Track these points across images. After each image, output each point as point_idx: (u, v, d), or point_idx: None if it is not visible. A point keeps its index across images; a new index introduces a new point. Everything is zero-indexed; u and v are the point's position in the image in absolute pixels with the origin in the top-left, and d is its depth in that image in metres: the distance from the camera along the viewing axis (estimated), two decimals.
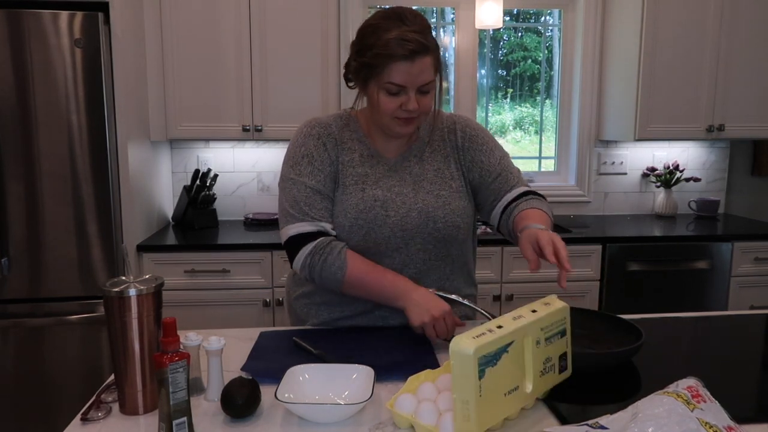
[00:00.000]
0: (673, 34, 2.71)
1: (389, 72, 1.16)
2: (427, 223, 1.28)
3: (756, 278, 2.65)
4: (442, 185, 1.31)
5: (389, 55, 1.15)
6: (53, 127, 2.13)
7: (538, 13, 3.21)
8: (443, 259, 1.33)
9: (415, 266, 1.31)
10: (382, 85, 1.18)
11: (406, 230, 1.27)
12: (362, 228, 1.26)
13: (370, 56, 1.17)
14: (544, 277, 2.55)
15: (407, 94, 1.19)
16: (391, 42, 1.14)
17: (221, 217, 2.93)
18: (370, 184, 1.28)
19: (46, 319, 2.18)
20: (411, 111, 1.20)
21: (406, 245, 1.28)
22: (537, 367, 0.92)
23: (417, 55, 1.15)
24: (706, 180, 3.22)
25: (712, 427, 0.73)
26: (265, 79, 2.59)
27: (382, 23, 1.18)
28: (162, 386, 0.82)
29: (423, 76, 1.18)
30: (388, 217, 1.26)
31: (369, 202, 1.26)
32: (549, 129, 3.27)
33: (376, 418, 0.93)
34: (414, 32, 1.15)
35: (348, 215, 1.26)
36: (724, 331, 1.33)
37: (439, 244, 1.31)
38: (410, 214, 1.27)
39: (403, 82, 1.17)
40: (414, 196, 1.29)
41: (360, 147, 1.31)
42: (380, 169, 1.30)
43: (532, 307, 0.95)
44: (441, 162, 1.33)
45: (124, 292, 0.92)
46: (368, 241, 1.26)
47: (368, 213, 1.26)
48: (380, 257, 1.28)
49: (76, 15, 2.09)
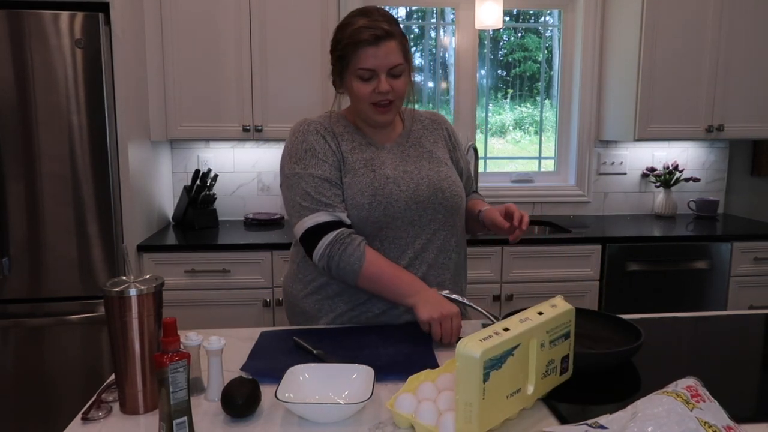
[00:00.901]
0: (673, 34, 2.71)
1: (358, 59, 1.26)
2: (436, 194, 1.36)
3: (755, 278, 2.65)
4: (439, 163, 1.41)
5: (356, 42, 1.25)
6: (53, 127, 2.13)
7: (537, 13, 3.21)
8: (450, 229, 1.41)
9: (426, 236, 1.37)
10: (355, 72, 1.28)
11: (419, 202, 1.34)
12: (381, 204, 1.31)
13: (341, 48, 1.28)
14: (545, 277, 2.56)
15: (378, 77, 1.27)
16: (356, 31, 1.25)
17: (221, 217, 2.93)
18: (378, 166, 1.35)
19: (47, 319, 2.18)
20: (384, 93, 1.28)
21: (420, 217, 1.35)
22: (540, 370, 0.92)
23: (381, 40, 1.25)
24: (705, 180, 3.22)
25: (711, 426, 0.73)
26: (265, 79, 2.59)
27: (349, 20, 1.29)
28: (162, 386, 0.83)
29: (390, 58, 1.27)
30: (402, 192, 1.33)
31: (382, 180, 1.33)
32: (549, 129, 3.27)
33: (376, 418, 0.93)
34: (377, 21, 1.26)
35: (365, 193, 1.31)
36: (724, 331, 1.33)
37: (447, 213, 1.38)
38: (420, 188, 1.35)
39: (371, 66, 1.26)
40: (418, 173, 1.37)
41: (357, 137, 1.39)
42: (381, 153, 1.38)
43: (539, 309, 0.95)
44: (431, 144, 1.44)
45: (124, 292, 0.92)
46: (387, 215, 1.32)
47: (383, 189, 1.32)
48: (398, 231, 1.34)
49: (76, 15, 2.09)
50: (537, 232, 3.02)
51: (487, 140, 3.24)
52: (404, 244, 1.34)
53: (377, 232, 1.33)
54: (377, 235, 1.33)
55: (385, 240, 1.34)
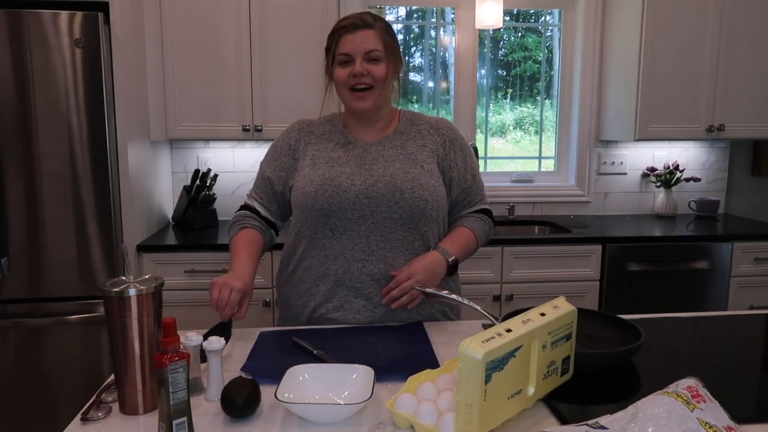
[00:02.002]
0: (673, 34, 2.71)
1: (338, 46, 1.35)
2: (393, 193, 1.35)
3: (756, 278, 2.65)
4: (413, 165, 1.40)
5: (336, 30, 1.36)
6: (53, 127, 2.13)
7: (538, 13, 3.21)
8: (410, 232, 1.38)
9: (382, 234, 1.37)
10: (336, 59, 1.36)
11: (371, 197, 1.35)
12: (326, 192, 1.35)
13: (328, 43, 1.39)
14: (545, 277, 2.56)
15: (354, 62, 1.34)
16: (339, 22, 1.37)
17: (221, 217, 2.93)
18: (340, 164, 1.40)
19: (46, 319, 2.18)
20: (358, 75, 1.33)
21: (372, 213, 1.36)
22: (541, 371, 0.92)
23: (359, 28, 1.34)
24: (706, 180, 3.22)
25: (712, 427, 0.73)
26: (265, 79, 2.59)
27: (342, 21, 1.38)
28: (162, 386, 0.82)
29: (366, 44, 1.33)
30: (353, 185, 1.36)
31: (335, 174, 1.38)
32: (549, 129, 3.27)
33: (376, 418, 0.93)
34: (361, 15, 1.36)
35: (314, 183, 1.37)
36: (724, 331, 1.33)
37: (406, 214, 1.36)
38: (377, 184, 1.36)
39: (348, 51, 1.34)
40: (383, 171, 1.38)
41: (338, 137, 1.45)
42: (355, 152, 1.42)
43: (541, 310, 0.95)
44: (416, 148, 1.43)
45: (124, 292, 0.92)
46: (333, 205, 1.35)
47: (333, 180, 1.37)
48: (347, 222, 1.36)
49: (76, 15, 2.09)
50: (537, 232, 3.02)
51: (488, 140, 3.24)
52: (356, 236, 1.36)
53: (325, 221, 1.36)
54: (326, 224, 1.37)
55: (335, 230, 1.37)
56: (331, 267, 1.37)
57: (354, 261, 1.36)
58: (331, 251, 1.37)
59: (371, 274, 1.36)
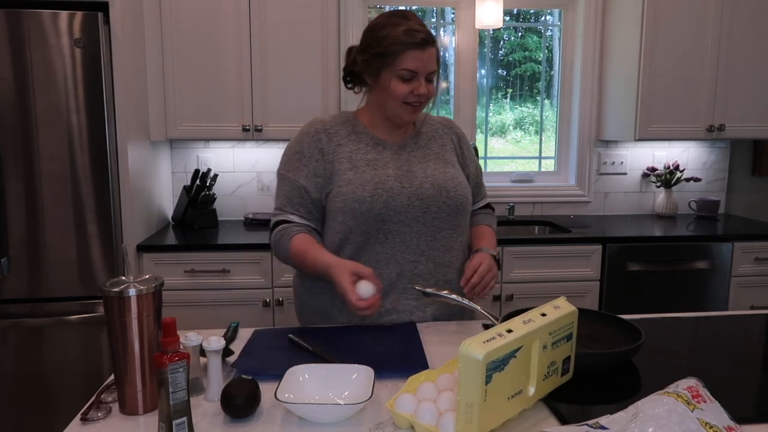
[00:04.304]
0: (673, 34, 2.71)
1: (403, 59, 1.30)
2: (440, 192, 1.37)
3: (756, 278, 2.65)
4: (445, 164, 1.44)
5: (404, 43, 1.29)
6: (53, 127, 2.13)
7: (538, 12, 3.21)
8: (455, 229, 1.42)
9: (431, 234, 1.38)
10: (396, 72, 1.31)
11: (422, 199, 1.36)
12: (382, 196, 1.33)
13: (384, 47, 1.31)
14: (545, 277, 2.56)
15: (418, 80, 1.32)
16: (404, 33, 1.30)
17: (221, 217, 2.93)
18: (381, 166, 1.38)
19: (46, 319, 2.18)
20: (420, 95, 1.33)
21: (424, 214, 1.37)
22: (541, 372, 0.92)
23: (427, 45, 1.31)
24: (706, 180, 3.22)
25: (712, 427, 0.73)
26: (265, 79, 2.59)
27: (389, 20, 1.33)
28: (162, 386, 0.82)
29: (431, 64, 1.32)
30: (404, 189, 1.36)
31: (383, 177, 1.36)
32: (549, 129, 3.27)
33: (376, 418, 0.93)
34: (422, 25, 1.33)
35: (366, 187, 1.33)
36: (724, 331, 1.33)
37: (452, 213, 1.39)
38: (424, 185, 1.37)
39: (415, 68, 1.30)
40: (423, 172, 1.39)
41: (365, 138, 1.41)
42: (387, 153, 1.41)
43: (542, 310, 0.95)
44: (439, 147, 1.46)
45: (123, 292, 0.92)
46: (389, 209, 1.34)
47: (385, 184, 1.35)
48: (400, 225, 1.35)
49: (75, 15, 2.09)
50: (537, 232, 3.02)
51: (488, 140, 3.24)
52: (408, 239, 1.36)
53: (381, 226, 1.34)
54: (381, 229, 1.34)
55: (389, 234, 1.35)
56: (383, 272, 1.35)
57: (406, 263, 1.36)
58: (383, 256, 1.36)
59: (421, 274, 1.37)
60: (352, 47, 1.42)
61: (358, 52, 1.38)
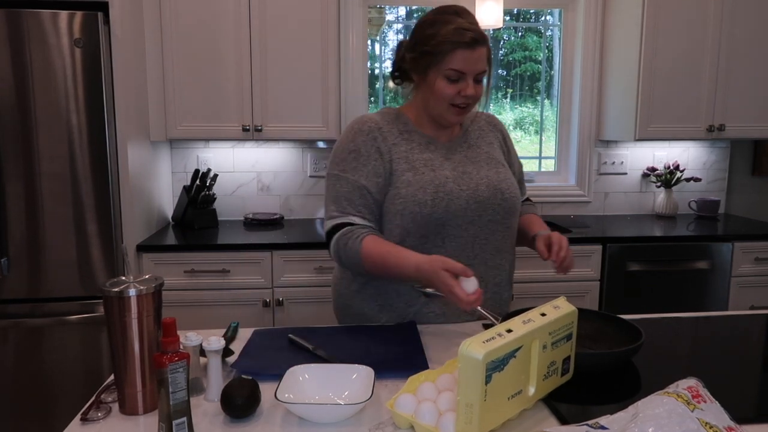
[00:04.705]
0: (674, 33, 2.71)
1: (451, 59, 1.26)
2: (495, 195, 1.36)
3: (756, 278, 2.65)
4: (497, 164, 1.42)
5: (452, 42, 1.25)
6: (53, 127, 2.13)
7: (538, 12, 3.21)
8: (506, 231, 1.40)
9: (485, 237, 1.36)
10: (443, 72, 1.27)
11: (479, 201, 1.34)
12: (443, 200, 1.31)
13: (433, 45, 1.27)
14: (545, 277, 2.55)
15: (465, 81, 1.28)
16: (453, 31, 1.25)
17: (221, 217, 2.93)
18: (437, 166, 1.35)
19: (46, 319, 2.18)
20: (467, 97, 1.29)
21: (480, 216, 1.35)
22: (541, 372, 0.92)
23: (477, 44, 1.26)
24: (706, 180, 3.22)
25: (712, 427, 0.73)
26: (265, 79, 2.59)
27: (440, 17, 1.28)
28: (162, 386, 0.82)
29: (480, 64, 1.28)
30: (462, 191, 1.33)
31: (442, 179, 1.33)
32: (549, 129, 3.27)
33: (376, 418, 0.93)
34: (471, 23, 1.27)
35: (427, 190, 1.31)
36: (724, 331, 1.32)
37: (505, 214, 1.38)
38: (479, 188, 1.35)
39: (463, 69, 1.26)
40: (477, 173, 1.37)
41: (416, 137, 1.38)
42: (440, 153, 1.38)
43: (542, 310, 0.95)
44: (488, 146, 1.44)
45: (123, 292, 0.92)
46: (449, 213, 1.31)
47: (444, 187, 1.32)
48: (457, 229, 1.33)
49: (75, 15, 2.09)
50: None
51: None
52: (464, 242, 1.34)
53: (440, 230, 1.32)
54: (439, 233, 1.32)
55: (446, 238, 1.33)
56: None
57: None
58: None
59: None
60: (403, 42, 1.38)
61: (407, 48, 1.34)
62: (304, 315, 2.44)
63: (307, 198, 3.00)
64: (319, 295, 2.43)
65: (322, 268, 2.43)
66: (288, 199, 2.99)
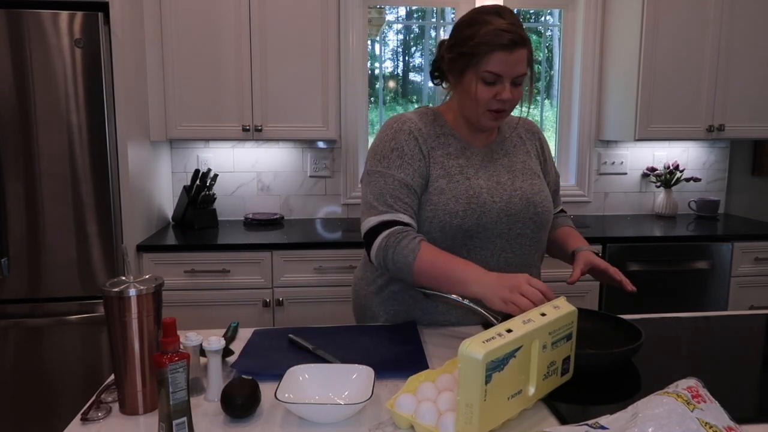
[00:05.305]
0: (674, 33, 2.71)
1: (488, 61, 1.21)
2: (528, 208, 1.32)
3: (756, 278, 2.65)
4: (532, 175, 1.38)
5: (489, 44, 1.20)
6: (53, 127, 2.13)
7: (538, 13, 3.21)
8: (535, 244, 1.37)
9: (512, 251, 1.33)
10: (480, 74, 1.23)
11: (510, 215, 1.31)
12: (475, 212, 1.27)
13: (470, 46, 1.22)
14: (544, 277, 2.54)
15: (503, 84, 1.23)
16: (491, 32, 1.19)
17: (221, 217, 2.93)
18: (472, 174, 1.31)
19: (46, 319, 2.18)
20: (504, 101, 1.24)
21: (509, 230, 1.32)
22: (541, 371, 0.92)
23: (515, 46, 1.20)
24: (706, 180, 3.22)
25: (712, 427, 0.73)
26: (265, 79, 2.59)
27: (480, 17, 1.23)
28: (162, 386, 0.82)
29: (518, 67, 1.22)
30: (495, 203, 1.29)
31: (476, 189, 1.29)
32: (549, 129, 3.27)
33: (376, 418, 0.93)
34: (512, 24, 1.21)
35: (460, 200, 1.27)
36: (724, 331, 1.33)
37: (536, 229, 1.35)
38: (512, 200, 1.31)
39: (500, 71, 1.21)
40: (512, 184, 1.33)
41: (453, 141, 1.35)
42: (475, 160, 1.34)
43: (542, 310, 0.95)
44: (524, 155, 1.40)
45: (123, 292, 0.92)
46: (479, 225, 1.28)
47: (478, 198, 1.28)
48: (486, 242, 1.30)
49: (76, 15, 2.09)
50: None
51: None
52: (489, 255, 1.31)
53: (466, 241, 1.29)
54: (465, 244, 1.29)
55: (472, 249, 1.30)
56: None
57: None
58: None
59: None
60: (443, 41, 1.33)
61: (446, 48, 1.30)
62: (304, 315, 2.44)
63: (307, 198, 3.00)
64: (319, 295, 2.43)
65: (322, 268, 2.43)
66: (288, 199, 2.99)
